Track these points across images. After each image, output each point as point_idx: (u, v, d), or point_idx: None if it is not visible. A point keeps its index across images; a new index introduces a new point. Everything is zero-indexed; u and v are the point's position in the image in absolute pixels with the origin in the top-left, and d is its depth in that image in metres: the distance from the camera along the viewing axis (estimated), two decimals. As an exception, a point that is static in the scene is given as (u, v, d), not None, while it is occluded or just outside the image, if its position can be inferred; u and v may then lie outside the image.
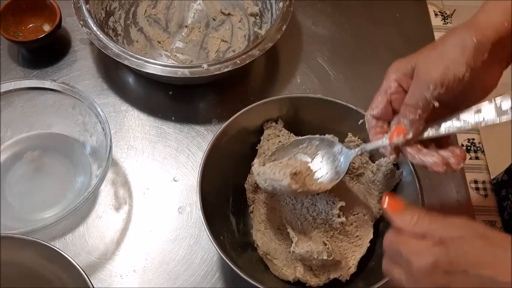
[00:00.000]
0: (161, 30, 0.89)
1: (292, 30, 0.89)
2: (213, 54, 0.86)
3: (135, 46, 0.86)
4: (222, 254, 0.59)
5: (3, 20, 0.81)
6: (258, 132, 0.71)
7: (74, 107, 0.73)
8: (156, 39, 0.87)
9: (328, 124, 0.69)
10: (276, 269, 0.65)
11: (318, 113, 0.69)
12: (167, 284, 0.68)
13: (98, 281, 0.67)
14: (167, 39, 0.88)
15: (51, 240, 0.69)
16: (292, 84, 0.85)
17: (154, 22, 0.89)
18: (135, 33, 0.87)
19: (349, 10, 0.94)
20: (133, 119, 0.80)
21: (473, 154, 0.80)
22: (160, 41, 0.87)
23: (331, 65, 0.87)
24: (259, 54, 0.76)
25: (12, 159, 0.74)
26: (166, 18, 0.90)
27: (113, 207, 0.73)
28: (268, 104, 0.70)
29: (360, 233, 0.65)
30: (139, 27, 0.88)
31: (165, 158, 0.77)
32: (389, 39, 0.90)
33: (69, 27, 0.88)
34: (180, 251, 0.70)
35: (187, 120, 0.80)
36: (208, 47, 0.87)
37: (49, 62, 0.85)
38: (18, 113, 0.74)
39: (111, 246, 0.70)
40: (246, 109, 0.68)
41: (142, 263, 0.69)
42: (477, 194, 0.77)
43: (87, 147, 0.75)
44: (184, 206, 0.73)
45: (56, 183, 0.73)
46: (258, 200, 0.70)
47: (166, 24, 0.89)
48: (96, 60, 0.86)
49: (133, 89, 0.84)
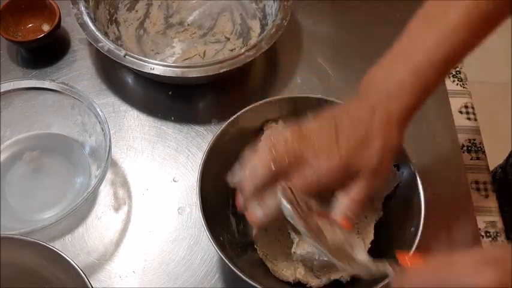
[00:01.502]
0: (161, 29, 0.88)
1: (292, 30, 0.88)
2: (212, 55, 0.86)
3: (135, 46, 0.86)
4: (222, 255, 0.58)
5: (2, 20, 0.81)
6: (257, 133, 0.71)
7: (73, 107, 0.73)
8: (156, 39, 0.87)
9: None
10: (276, 270, 0.65)
11: (318, 113, 0.69)
12: (167, 284, 0.68)
13: (97, 282, 0.67)
14: (166, 39, 0.87)
15: (50, 240, 0.69)
16: (292, 84, 0.85)
17: (154, 22, 0.89)
18: (135, 33, 0.87)
19: (349, 10, 0.94)
20: (133, 119, 0.80)
21: (474, 154, 0.80)
22: (159, 41, 0.87)
23: (331, 65, 0.87)
24: (259, 54, 0.75)
25: (11, 160, 0.74)
26: (166, 17, 0.90)
27: (112, 208, 0.73)
28: (268, 104, 0.69)
29: (360, 234, 0.65)
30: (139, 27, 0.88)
31: (164, 159, 0.77)
32: (389, 39, 0.88)
33: (69, 27, 0.87)
34: (180, 251, 0.70)
35: (186, 120, 0.80)
36: (208, 47, 0.87)
37: (48, 62, 0.84)
38: (17, 113, 0.73)
39: (110, 246, 0.70)
40: (246, 109, 0.68)
41: (141, 263, 0.69)
42: (478, 195, 0.76)
43: (86, 148, 0.75)
44: (184, 206, 0.73)
45: (55, 183, 0.73)
46: None
47: (166, 23, 0.89)
48: (96, 60, 0.85)
49: (132, 89, 0.84)
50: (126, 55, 0.74)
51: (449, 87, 0.85)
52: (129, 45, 0.85)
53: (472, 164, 0.79)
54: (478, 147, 0.80)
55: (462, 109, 0.83)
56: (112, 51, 0.75)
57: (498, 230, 0.74)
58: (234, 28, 0.89)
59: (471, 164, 0.79)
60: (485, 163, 0.79)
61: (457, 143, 0.80)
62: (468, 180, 0.77)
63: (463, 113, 0.83)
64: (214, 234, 0.60)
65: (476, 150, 0.80)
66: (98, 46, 0.76)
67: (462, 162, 0.79)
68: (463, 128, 0.82)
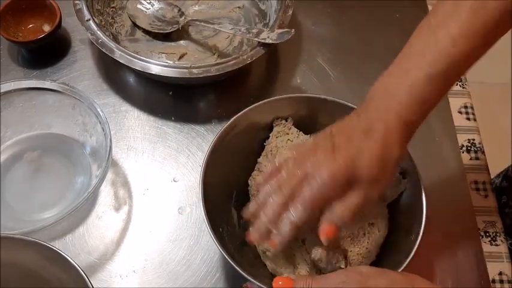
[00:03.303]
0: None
1: (292, 31, 0.89)
2: (213, 55, 0.86)
3: (135, 46, 0.86)
4: (219, 247, 0.58)
5: (3, 20, 0.81)
6: (267, 129, 0.71)
7: (73, 107, 0.73)
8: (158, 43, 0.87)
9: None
10: (274, 268, 0.65)
11: (329, 114, 0.68)
12: (167, 284, 0.68)
13: (97, 282, 0.67)
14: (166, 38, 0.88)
15: (51, 240, 0.69)
16: (292, 84, 0.85)
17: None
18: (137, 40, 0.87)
19: (349, 10, 0.94)
20: (133, 120, 0.80)
21: (474, 154, 0.80)
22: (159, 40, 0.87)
23: (331, 65, 0.87)
24: (259, 55, 0.75)
25: (12, 160, 0.74)
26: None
27: (112, 208, 0.73)
28: (279, 102, 0.70)
29: (369, 245, 0.64)
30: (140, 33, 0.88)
31: (165, 159, 0.77)
32: (389, 39, 0.90)
33: (69, 27, 0.87)
34: (180, 251, 0.70)
35: (187, 120, 0.80)
36: (208, 47, 0.87)
37: (49, 62, 0.84)
38: (18, 113, 0.74)
39: (111, 246, 0.70)
40: (257, 104, 0.68)
41: (142, 263, 0.69)
42: (477, 195, 0.76)
43: (87, 148, 0.75)
44: (184, 206, 0.73)
45: (55, 183, 0.73)
46: None
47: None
48: (96, 60, 0.86)
49: (133, 89, 0.84)
50: (126, 55, 0.75)
51: (449, 88, 0.85)
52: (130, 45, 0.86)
53: (472, 164, 0.79)
54: (478, 148, 0.80)
55: (462, 109, 0.84)
56: (113, 51, 0.75)
57: (497, 230, 0.74)
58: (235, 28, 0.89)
59: (470, 164, 0.79)
60: (485, 163, 0.79)
61: (457, 143, 0.80)
62: (467, 180, 0.77)
63: (463, 113, 0.83)
64: (214, 225, 0.60)
65: (476, 150, 0.80)
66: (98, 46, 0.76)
67: (461, 162, 0.79)
68: (463, 128, 0.82)
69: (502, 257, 0.72)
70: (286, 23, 0.78)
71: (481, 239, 0.73)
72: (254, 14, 0.89)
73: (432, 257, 0.70)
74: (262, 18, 0.87)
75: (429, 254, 0.70)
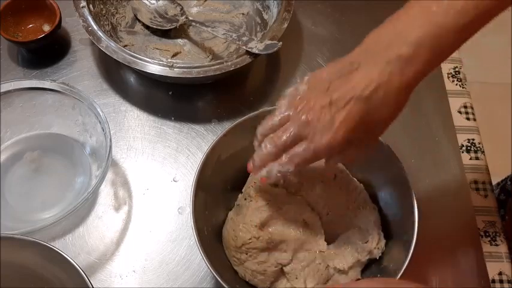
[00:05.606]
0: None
1: (292, 30, 0.89)
2: (207, 57, 0.86)
3: (132, 38, 0.86)
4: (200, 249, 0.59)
5: (2, 20, 0.81)
6: None
7: (73, 107, 0.73)
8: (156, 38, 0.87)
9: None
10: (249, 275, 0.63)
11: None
12: (167, 284, 0.68)
13: (97, 282, 0.67)
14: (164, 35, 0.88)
15: (51, 240, 0.69)
16: (292, 84, 0.85)
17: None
18: (135, 32, 0.87)
19: (349, 10, 0.94)
20: (133, 119, 0.80)
21: (473, 154, 0.80)
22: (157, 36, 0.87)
23: (331, 65, 0.87)
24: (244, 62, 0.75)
25: (11, 160, 0.74)
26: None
27: (112, 208, 0.73)
28: None
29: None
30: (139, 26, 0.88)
31: (164, 159, 0.77)
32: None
33: (69, 27, 0.87)
34: (180, 251, 0.70)
35: (187, 120, 0.80)
36: (208, 47, 0.87)
37: (49, 62, 0.85)
38: (18, 113, 0.74)
39: (110, 246, 0.70)
40: (259, 112, 0.68)
41: (142, 263, 0.69)
42: (477, 195, 0.76)
43: (86, 148, 0.75)
44: (184, 206, 0.73)
45: (55, 183, 0.73)
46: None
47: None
48: (96, 60, 0.86)
49: (133, 89, 0.84)
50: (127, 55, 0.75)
51: (448, 88, 0.85)
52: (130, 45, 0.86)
53: (472, 164, 0.79)
54: (477, 147, 0.80)
55: (461, 109, 0.84)
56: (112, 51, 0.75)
57: (497, 230, 0.74)
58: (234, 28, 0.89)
59: (470, 164, 0.79)
60: (485, 163, 0.79)
61: (457, 143, 0.80)
62: (467, 180, 0.77)
63: (462, 113, 0.83)
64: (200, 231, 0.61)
65: (476, 150, 0.80)
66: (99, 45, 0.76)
67: (461, 162, 0.79)
68: (462, 128, 0.82)
69: (502, 257, 0.72)
70: (278, 35, 0.78)
71: (481, 239, 0.73)
72: (256, 22, 0.89)
73: (432, 257, 0.70)
74: (263, 27, 0.87)
75: (429, 254, 0.70)
